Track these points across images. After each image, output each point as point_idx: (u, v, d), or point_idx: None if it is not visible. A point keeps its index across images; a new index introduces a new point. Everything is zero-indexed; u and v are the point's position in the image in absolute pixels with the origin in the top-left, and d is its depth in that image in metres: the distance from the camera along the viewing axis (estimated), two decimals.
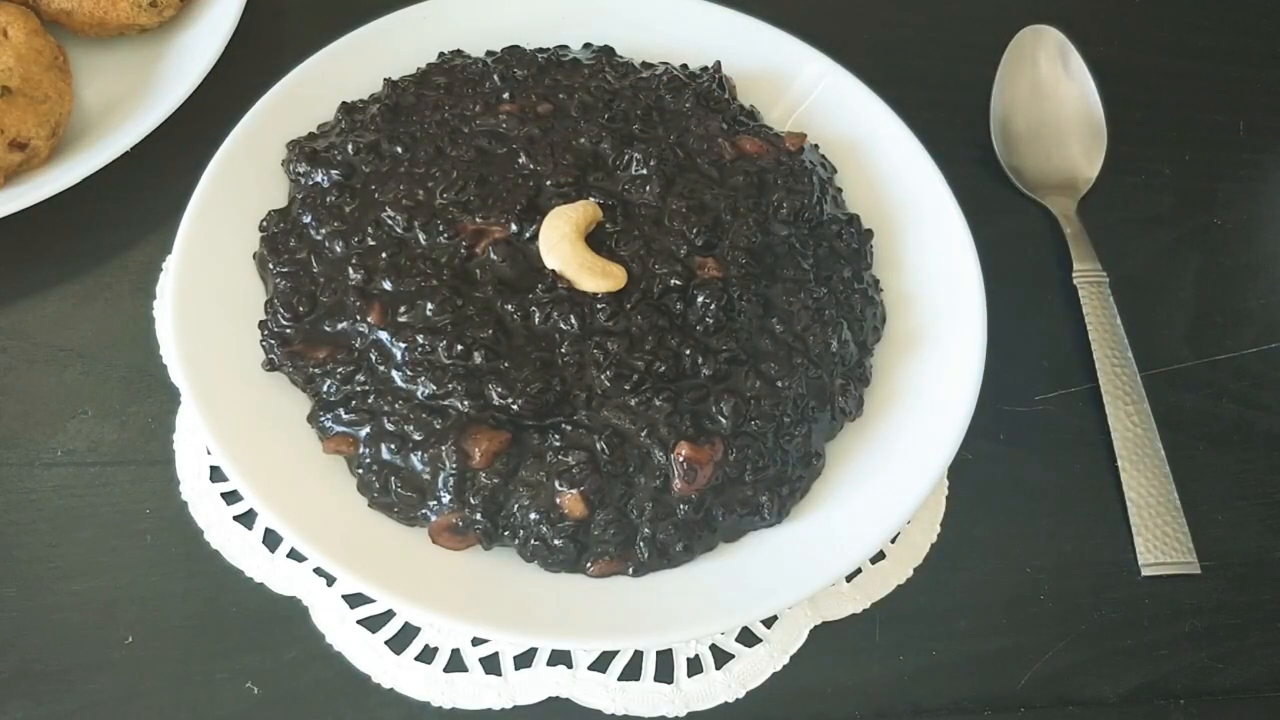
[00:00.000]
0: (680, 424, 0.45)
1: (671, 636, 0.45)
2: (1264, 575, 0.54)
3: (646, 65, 0.59)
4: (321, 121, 0.55)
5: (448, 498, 0.44)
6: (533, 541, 0.44)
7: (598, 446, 0.45)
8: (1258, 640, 0.52)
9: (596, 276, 0.47)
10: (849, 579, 0.50)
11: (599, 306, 0.47)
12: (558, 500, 0.44)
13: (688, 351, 0.46)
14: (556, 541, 0.44)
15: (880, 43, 0.71)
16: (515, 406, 0.44)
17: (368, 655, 0.46)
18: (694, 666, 0.48)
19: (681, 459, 0.45)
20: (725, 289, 0.48)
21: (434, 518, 0.44)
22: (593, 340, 0.46)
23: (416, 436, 0.44)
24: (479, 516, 0.44)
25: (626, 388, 0.45)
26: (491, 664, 0.47)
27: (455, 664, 0.47)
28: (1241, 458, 0.57)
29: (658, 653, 0.48)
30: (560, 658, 0.47)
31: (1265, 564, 0.55)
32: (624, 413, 0.45)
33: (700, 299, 0.48)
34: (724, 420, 0.46)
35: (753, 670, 0.48)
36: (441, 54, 0.58)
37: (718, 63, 0.59)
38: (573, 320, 0.46)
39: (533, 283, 0.47)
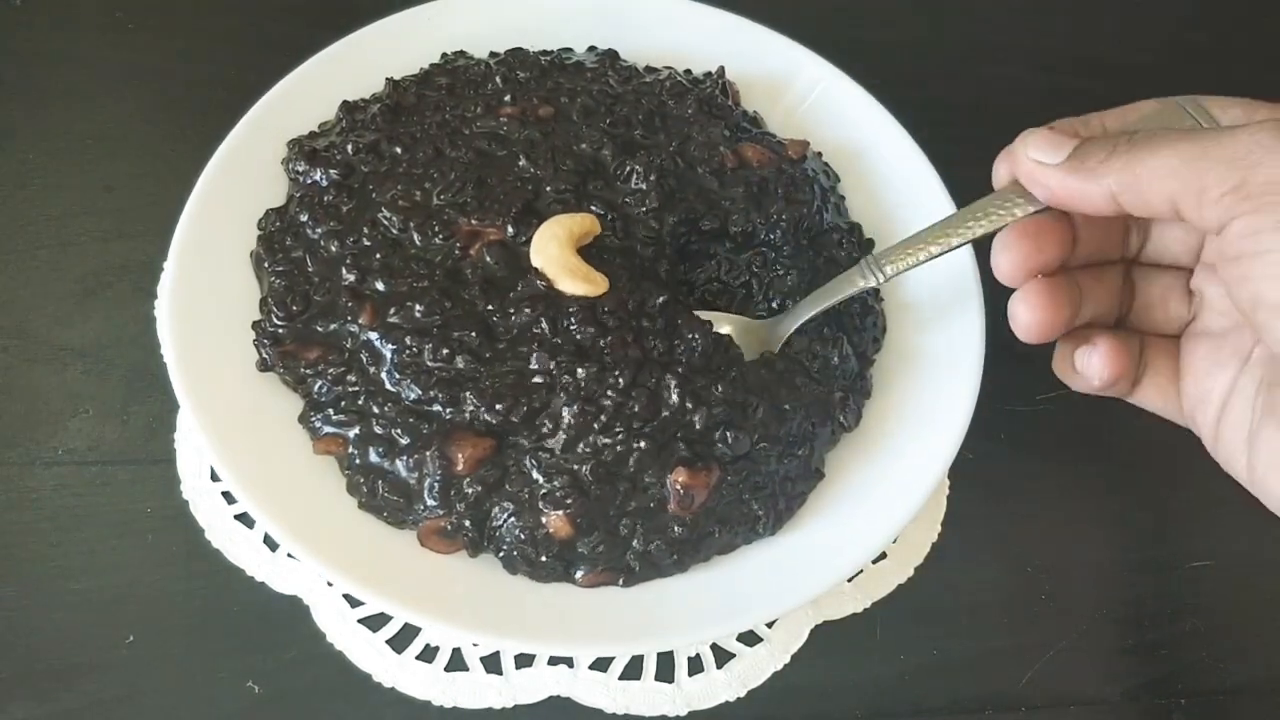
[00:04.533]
0: (678, 450, 0.44)
1: (668, 642, 0.44)
2: (1264, 575, 0.54)
3: (650, 70, 0.59)
4: (324, 120, 0.55)
5: (433, 503, 0.44)
6: (515, 554, 0.44)
7: (582, 471, 0.44)
8: (1258, 640, 0.52)
9: (576, 279, 0.46)
10: (850, 578, 0.50)
11: (570, 310, 0.45)
12: (543, 520, 0.43)
13: (674, 383, 0.45)
14: (542, 559, 0.43)
15: (884, 47, 0.71)
16: (483, 418, 0.44)
17: (369, 654, 0.46)
18: (695, 666, 0.48)
19: (678, 485, 0.44)
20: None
21: (422, 522, 0.44)
22: (560, 360, 0.44)
23: (403, 440, 0.44)
24: (467, 523, 0.44)
25: (595, 426, 0.44)
26: (493, 663, 0.47)
27: (456, 663, 0.47)
28: None
29: (659, 652, 0.48)
30: (561, 657, 0.47)
31: (1265, 564, 0.55)
32: (615, 440, 0.44)
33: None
34: (724, 448, 0.45)
35: (754, 669, 0.48)
36: (444, 54, 0.58)
37: (721, 68, 0.59)
38: (544, 324, 0.45)
39: (517, 284, 0.47)
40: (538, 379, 0.44)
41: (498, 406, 0.43)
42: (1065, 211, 0.38)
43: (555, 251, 0.47)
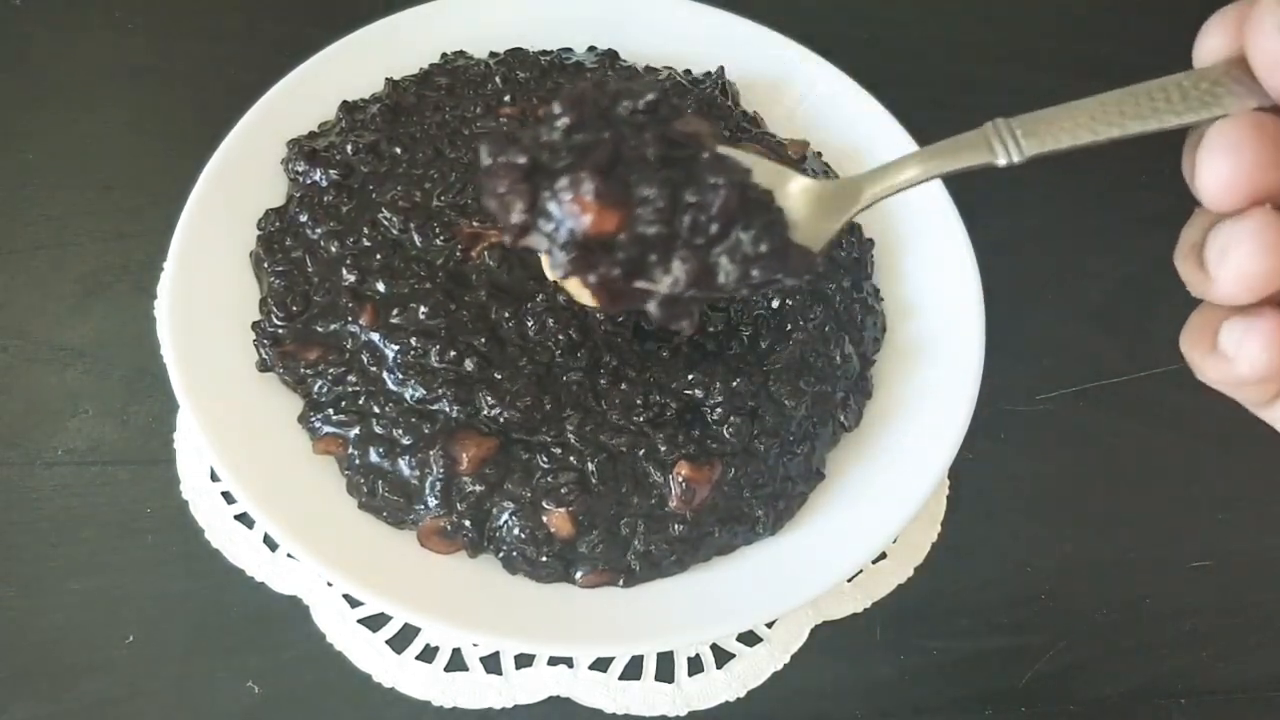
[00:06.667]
0: (684, 444, 0.44)
1: (667, 643, 0.44)
2: (1264, 575, 0.54)
3: (650, 70, 0.59)
4: (324, 120, 0.54)
5: (434, 502, 0.44)
6: (514, 554, 0.44)
7: (589, 468, 0.44)
8: (1258, 640, 0.52)
9: None
10: (850, 578, 0.50)
11: (600, 319, 0.46)
12: (545, 519, 0.43)
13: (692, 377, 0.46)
14: (542, 558, 0.43)
15: (885, 46, 0.71)
16: (504, 417, 0.44)
17: (368, 654, 0.46)
18: (695, 666, 0.48)
19: (681, 479, 0.44)
20: (728, 309, 0.48)
21: (422, 522, 0.44)
22: (606, 364, 0.45)
23: (405, 441, 0.44)
24: (467, 524, 0.44)
25: (638, 418, 0.45)
26: (492, 663, 0.47)
27: (456, 663, 0.47)
28: (1242, 458, 0.57)
29: (659, 652, 0.48)
30: (561, 657, 0.47)
31: (1265, 564, 0.55)
32: (622, 434, 0.44)
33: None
34: (730, 439, 0.45)
35: (754, 670, 0.48)
36: (444, 54, 0.58)
37: (720, 68, 0.58)
38: (572, 333, 0.45)
39: (528, 290, 0.47)
40: (567, 376, 0.45)
41: (518, 405, 0.44)
42: None
43: None
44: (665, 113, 0.32)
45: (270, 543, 0.48)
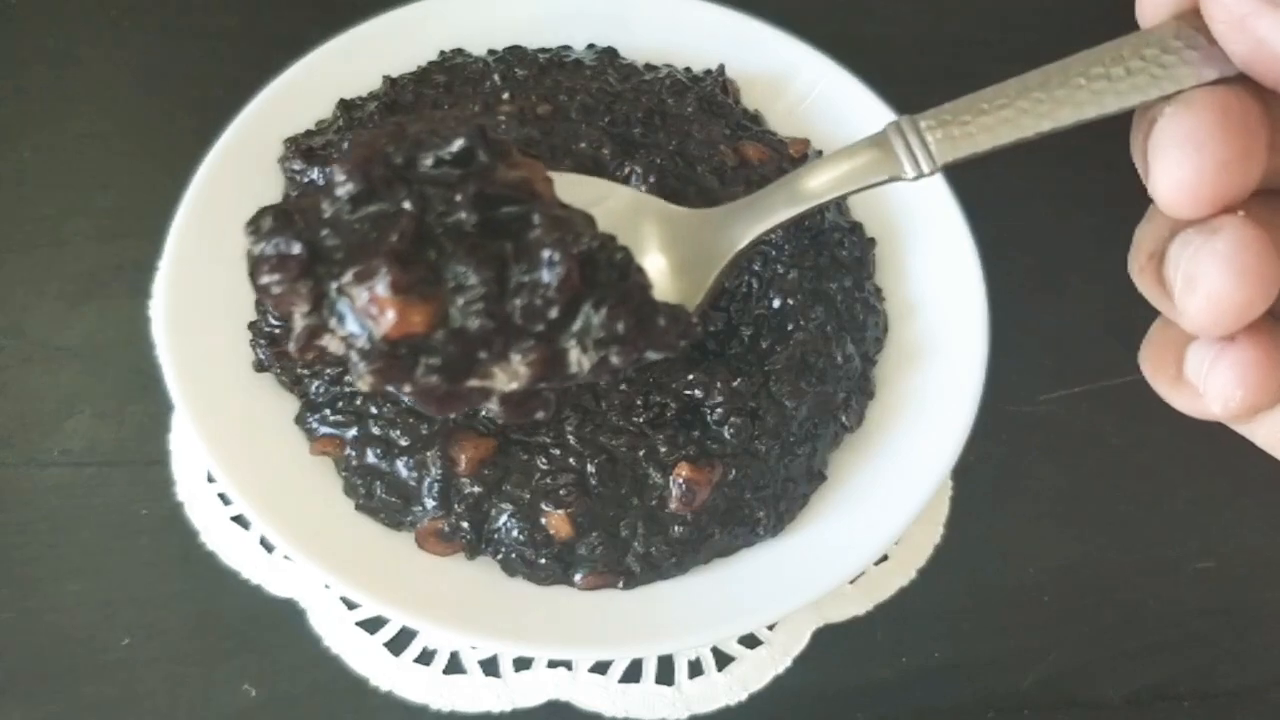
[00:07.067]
0: (684, 445, 0.44)
1: (668, 645, 0.44)
2: (1266, 575, 0.54)
3: (649, 67, 0.59)
4: (322, 118, 0.54)
5: (433, 504, 0.43)
6: (513, 556, 0.43)
7: (588, 469, 0.44)
8: (1261, 640, 0.52)
9: None
10: (852, 580, 0.50)
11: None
12: (543, 520, 0.43)
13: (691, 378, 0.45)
14: (541, 560, 0.43)
15: (886, 43, 0.71)
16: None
17: (366, 657, 0.46)
18: (695, 669, 0.48)
19: (681, 480, 0.44)
20: (728, 309, 0.48)
21: (420, 523, 0.44)
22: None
23: (402, 442, 0.44)
24: (465, 525, 0.43)
25: (638, 419, 0.44)
26: (491, 666, 0.47)
27: (454, 666, 0.46)
28: (1243, 458, 0.57)
29: (659, 655, 0.47)
30: (560, 660, 0.47)
31: (1267, 564, 0.54)
32: (622, 435, 0.44)
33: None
34: (731, 440, 0.45)
35: (755, 672, 0.48)
36: (442, 52, 0.58)
37: (721, 66, 0.58)
38: None
39: None
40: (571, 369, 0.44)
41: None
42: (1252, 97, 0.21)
43: None
44: (483, 160, 0.24)
45: (267, 544, 0.48)
